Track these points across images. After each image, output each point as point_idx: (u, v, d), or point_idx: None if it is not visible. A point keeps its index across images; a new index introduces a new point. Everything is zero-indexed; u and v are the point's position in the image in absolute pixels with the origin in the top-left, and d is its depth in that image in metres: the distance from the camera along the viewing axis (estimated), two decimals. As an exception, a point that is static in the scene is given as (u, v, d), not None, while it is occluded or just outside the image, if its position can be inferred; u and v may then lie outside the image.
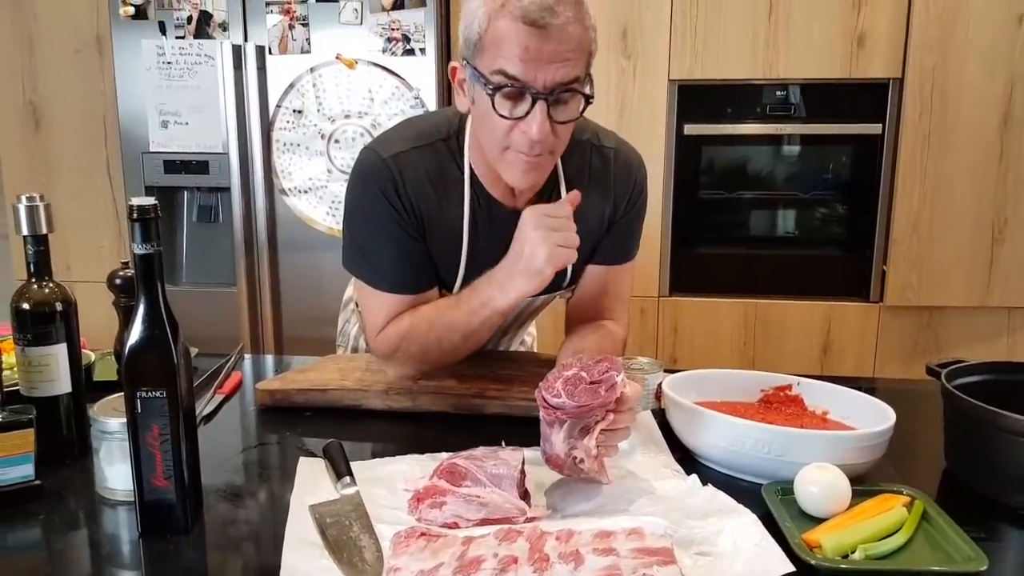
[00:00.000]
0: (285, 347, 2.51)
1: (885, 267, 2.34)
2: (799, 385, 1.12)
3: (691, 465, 1.01)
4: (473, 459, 0.90)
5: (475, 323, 1.14)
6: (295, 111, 2.36)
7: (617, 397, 0.89)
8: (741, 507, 0.87)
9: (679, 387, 1.08)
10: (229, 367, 1.33)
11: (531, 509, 0.86)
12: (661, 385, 1.10)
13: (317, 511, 0.86)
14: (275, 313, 2.48)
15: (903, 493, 0.90)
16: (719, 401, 1.11)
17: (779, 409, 1.11)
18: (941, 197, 2.26)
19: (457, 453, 0.93)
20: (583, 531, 0.80)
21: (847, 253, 2.42)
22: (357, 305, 1.46)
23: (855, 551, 0.80)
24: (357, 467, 0.95)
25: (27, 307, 0.98)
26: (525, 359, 1.36)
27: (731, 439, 0.97)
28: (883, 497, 0.89)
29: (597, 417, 0.89)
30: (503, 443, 0.96)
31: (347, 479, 0.91)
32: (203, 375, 1.27)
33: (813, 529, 0.83)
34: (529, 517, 0.85)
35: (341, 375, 1.23)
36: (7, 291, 1.01)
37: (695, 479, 0.94)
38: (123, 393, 0.82)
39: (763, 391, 1.14)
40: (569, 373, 0.92)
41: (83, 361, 1.09)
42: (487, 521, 0.84)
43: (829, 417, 1.08)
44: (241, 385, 1.30)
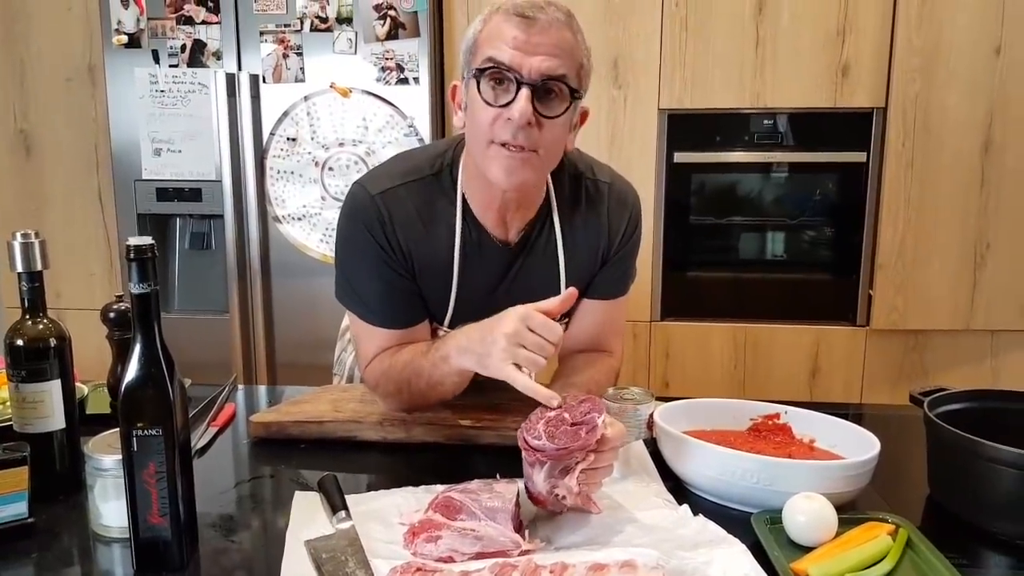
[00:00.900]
0: (278, 374, 2.51)
1: (871, 291, 2.37)
2: (787, 414, 1.14)
3: (682, 494, 1.02)
4: (468, 492, 0.91)
5: (436, 375, 1.12)
6: (289, 139, 2.38)
7: (598, 439, 0.90)
8: (731, 537, 0.88)
9: (670, 417, 1.10)
10: (223, 399, 1.34)
11: (525, 542, 0.86)
12: (652, 415, 1.11)
13: (313, 546, 0.86)
14: (268, 340, 2.48)
15: (888, 521, 0.91)
16: (709, 430, 1.13)
17: (768, 437, 1.12)
18: (925, 223, 2.29)
19: (452, 486, 0.94)
20: (577, 564, 0.81)
21: (834, 278, 2.45)
22: (352, 336, 1.47)
23: (843, 581, 0.81)
24: (352, 500, 0.96)
25: (21, 343, 0.99)
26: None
27: (720, 469, 0.98)
28: (869, 525, 0.91)
29: (578, 458, 0.90)
30: (498, 476, 0.97)
31: (342, 513, 0.92)
32: (196, 405, 1.28)
33: (801, 559, 0.85)
34: (524, 550, 0.85)
35: (335, 407, 1.24)
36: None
37: (686, 509, 0.95)
38: (118, 430, 0.83)
39: (752, 419, 1.15)
40: (551, 414, 0.93)
41: (76, 395, 1.09)
42: (482, 555, 0.85)
43: (816, 445, 1.10)
44: (235, 417, 1.30)
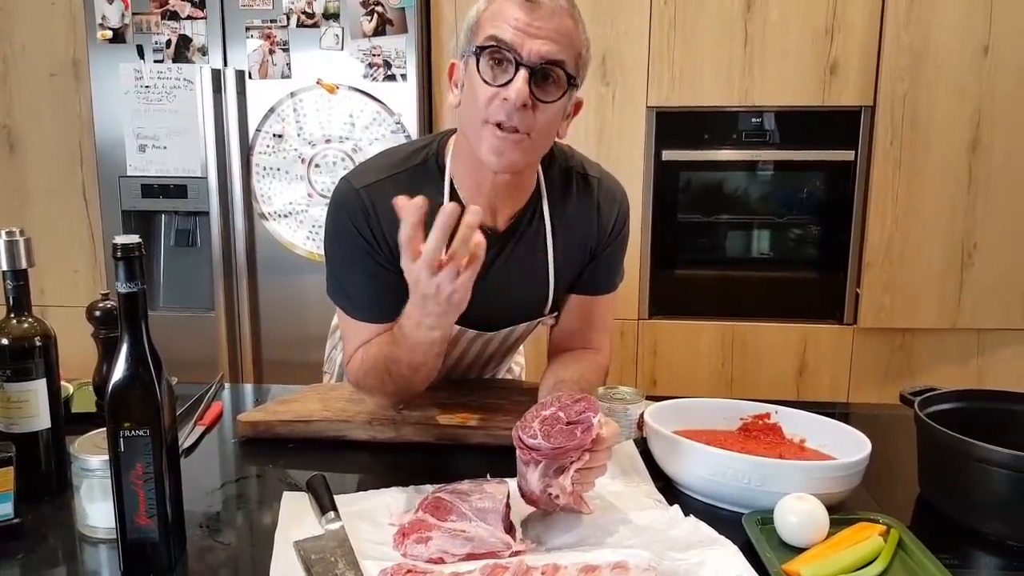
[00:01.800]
0: (264, 371, 2.49)
1: (859, 290, 2.39)
2: (777, 414, 1.14)
3: (673, 494, 1.02)
4: (458, 493, 0.90)
5: (417, 355, 1.09)
6: (275, 135, 2.36)
7: (593, 438, 0.90)
8: (723, 538, 0.88)
9: (660, 416, 1.09)
10: (210, 397, 1.32)
11: (516, 543, 0.86)
12: (643, 415, 1.11)
13: (301, 547, 0.85)
14: (254, 337, 2.47)
15: (879, 522, 0.91)
16: (700, 430, 1.12)
17: (758, 437, 1.12)
18: (912, 221, 2.31)
19: (442, 486, 0.93)
20: (568, 565, 0.81)
21: (822, 276, 2.46)
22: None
23: (834, 582, 0.81)
24: (341, 500, 0.95)
25: (6, 342, 0.97)
26: (509, 388, 1.36)
27: (712, 469, 0.98)
28: (860, 526, 0.91)
29: (573, 458, 0.90)
30: (488, 476, 0.96)
31: (331, 514, 0.91)
32: (183, 404, 1.26)
33: (793, 559, 0.85)
34: (514, 551, 0.85)
35: (324, 406, 1.23)
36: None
37: (677, 509, 0.95)
38: (105, 430, 0.81)
39: (742, 419, 1.15)
40: (547, 413, 0.93)
41: (62, 394, 1.08)
42: (473, 556, 0.84)
43: (807, 445, 1.10)
44: (221, 416, 1.29)
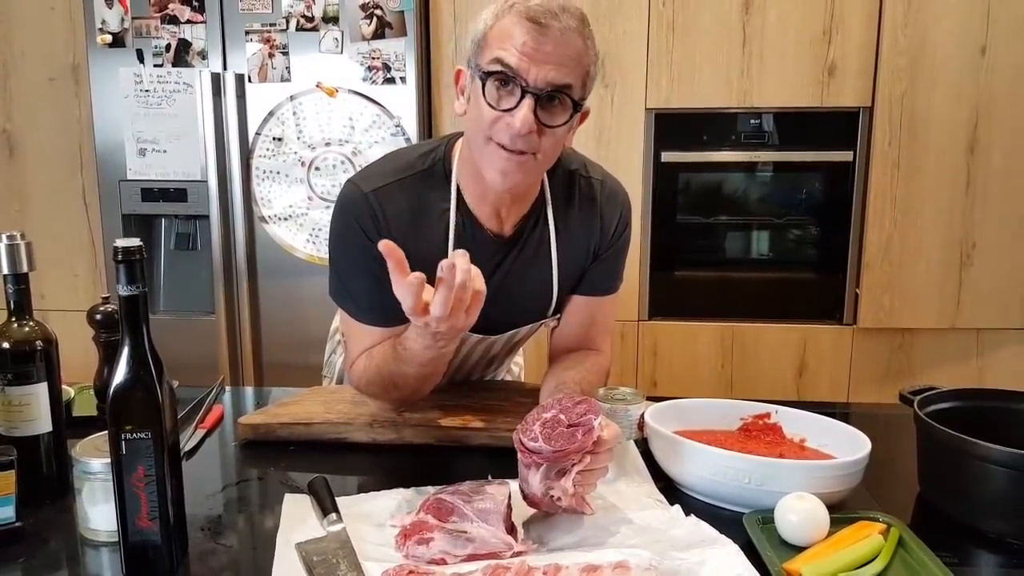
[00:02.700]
0: (265, 374, 2.49)
1: (858, 290, 2.39)
2: (777, 413, 1.14)
3: (674, 494, 1.02)
4: (459, 494, 0.90)
5: (426, 369, 1.09)
6: (275, 139, 2.37)
7: (594, 441, 0.90)
8: (723, 537, 0.88)
9: (661, 417, 1.10)
10: (211, 400, 1.33)
11: (518, 543, 0.86)
12: (643, 415, 1.11)
13: (303, 549, 0.85)
14: (254, 341, 2.47)
15: (879, 520, 0.92)
16: (700, 430, 1.12)
17: (759, 437, 1.13)
18: (911, 222, 2.31)
19: (443, 488, 0.93)
20: (570, 565, 0.81)
21: (821, 277, 2.46)
22: (343, 336, 1.46)
23: (835, 580, 0.81)
24: (342, 502, 0.95)
25: (7, 346, 0.97)
26: (510, 389, 1.37)
27: (712, 469, 0.98)
28: (860, 525, 0.91)
29: (574, 460, 0.90)
30: (489, 476, 0.96)
31: (333, 516, 0.91)
32: (184, 406, 1.27)
33: (793, 558, 0.85)
34: (516, 552, 0.85)
35: (325, 408, 1.23)
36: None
37: (678, 509, 0.95)
38: (106, 433, 0.82)
39: (743, 419, 1.15)
40: (548, 415, 0.93)
41: (63, 398, 1.08)
42: (474, 557, 0.84)
43: (807, 445, 1.10)
44: (222, 419, 1.29)
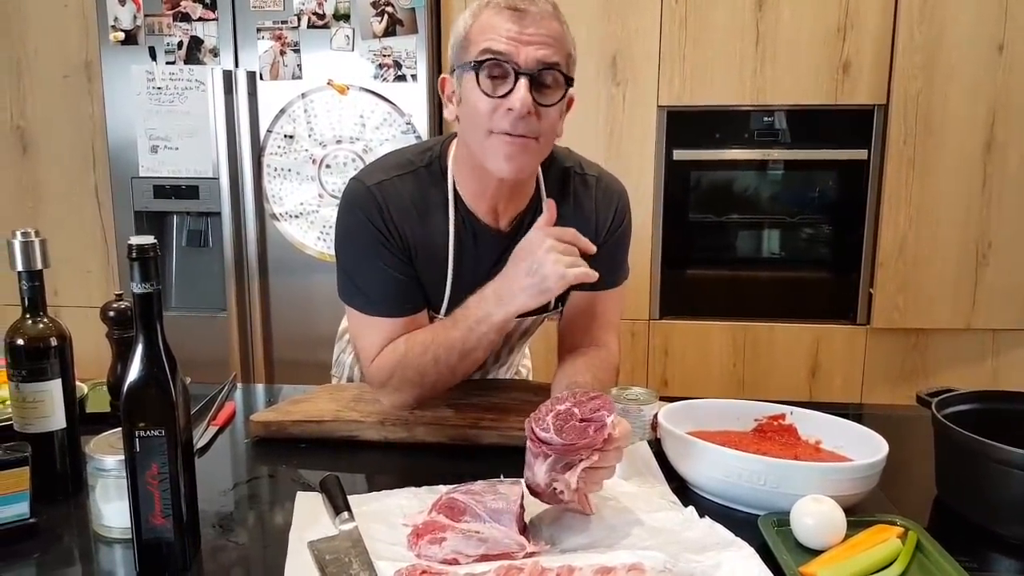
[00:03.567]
0: (276, 371, 2.50)
1: (872, 290, 2.37)
2: (792, 415, 1.13)
3: (687, 495, 1.01)
4: (472, 493, 0.90)
5: (472, 340, 1.14)
6: (286, 136, 2.37)
7: (604, 438, 0.90)
8: (739, 540, 0.87)
9: (674, 417, 1.09)
10: (223, 397, 1.33)
11: (530, 544, 0.86)
12: (656, 415, 1.10)
13: (316, 548, 0.85)
14: (266, 338, 2.47)
15: (897, 524, 0.90)
16: (714, 431, 1.12)
17: (773, 438, 1.12)
18: (926, 221, 2.29)
19: (456, 487, 0.93)
20: (583, 567, 0.80)
21: (835, 276, 2.45)
22: (351, 338, 1.47)
23: (852, 584, 0.80)
24: (354, 500, 0.95)
25: (22, 343, 0.97)
26: (520, 388, 1.36)
27: (726, 470, 0.97)
28: (877, 528, 0.90)
29: (582, 456, 0.89)
30: (501, 476, 0.96)
31: (345, 514, 0.91)
32: (195, 404, 1.27)
33: (810, 562, 0.84)
34: (528, 552, 0.85)
35: (336, 406, 1.23)
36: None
37: (692, 511, 0.95)
38: (120, 430, 0.82)
39: (757, 420, 1.14)
40: (561, 407, 0.92)
41: (76, 394, 1.08)
42: (487, 557, 0.84)
43: (822, 447, 1.09)
44: (234, 416, 1.30)
